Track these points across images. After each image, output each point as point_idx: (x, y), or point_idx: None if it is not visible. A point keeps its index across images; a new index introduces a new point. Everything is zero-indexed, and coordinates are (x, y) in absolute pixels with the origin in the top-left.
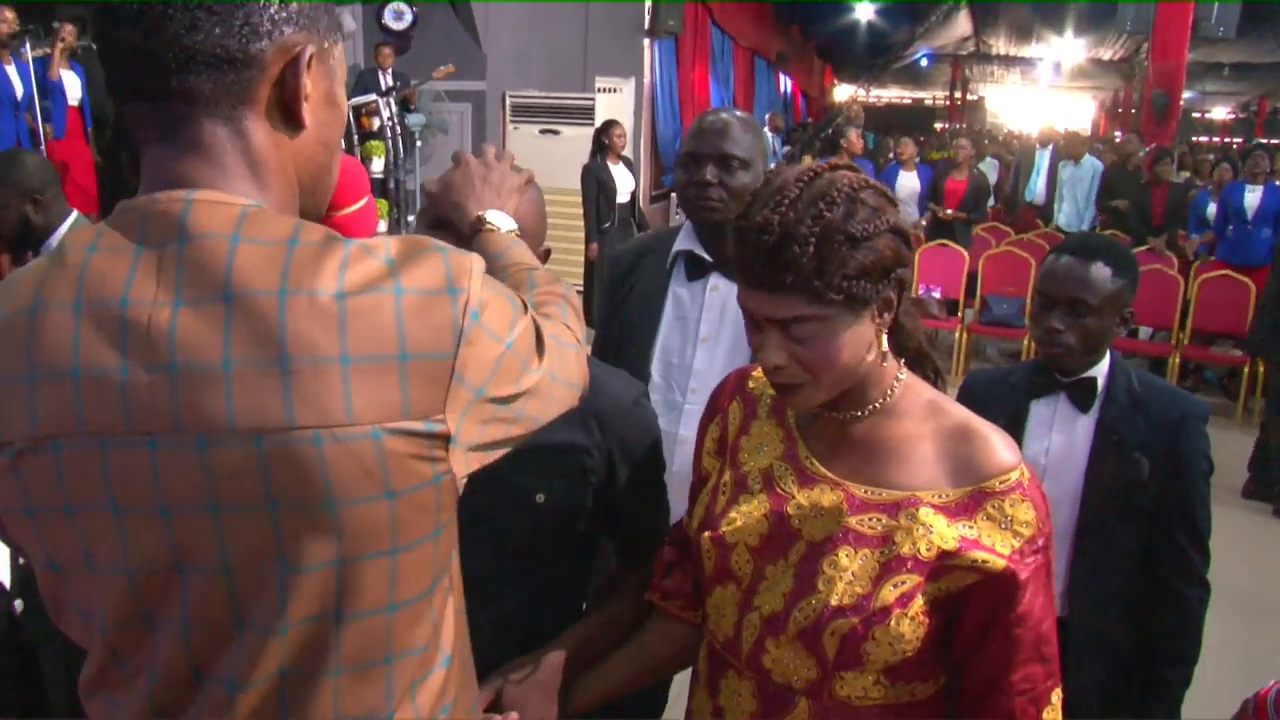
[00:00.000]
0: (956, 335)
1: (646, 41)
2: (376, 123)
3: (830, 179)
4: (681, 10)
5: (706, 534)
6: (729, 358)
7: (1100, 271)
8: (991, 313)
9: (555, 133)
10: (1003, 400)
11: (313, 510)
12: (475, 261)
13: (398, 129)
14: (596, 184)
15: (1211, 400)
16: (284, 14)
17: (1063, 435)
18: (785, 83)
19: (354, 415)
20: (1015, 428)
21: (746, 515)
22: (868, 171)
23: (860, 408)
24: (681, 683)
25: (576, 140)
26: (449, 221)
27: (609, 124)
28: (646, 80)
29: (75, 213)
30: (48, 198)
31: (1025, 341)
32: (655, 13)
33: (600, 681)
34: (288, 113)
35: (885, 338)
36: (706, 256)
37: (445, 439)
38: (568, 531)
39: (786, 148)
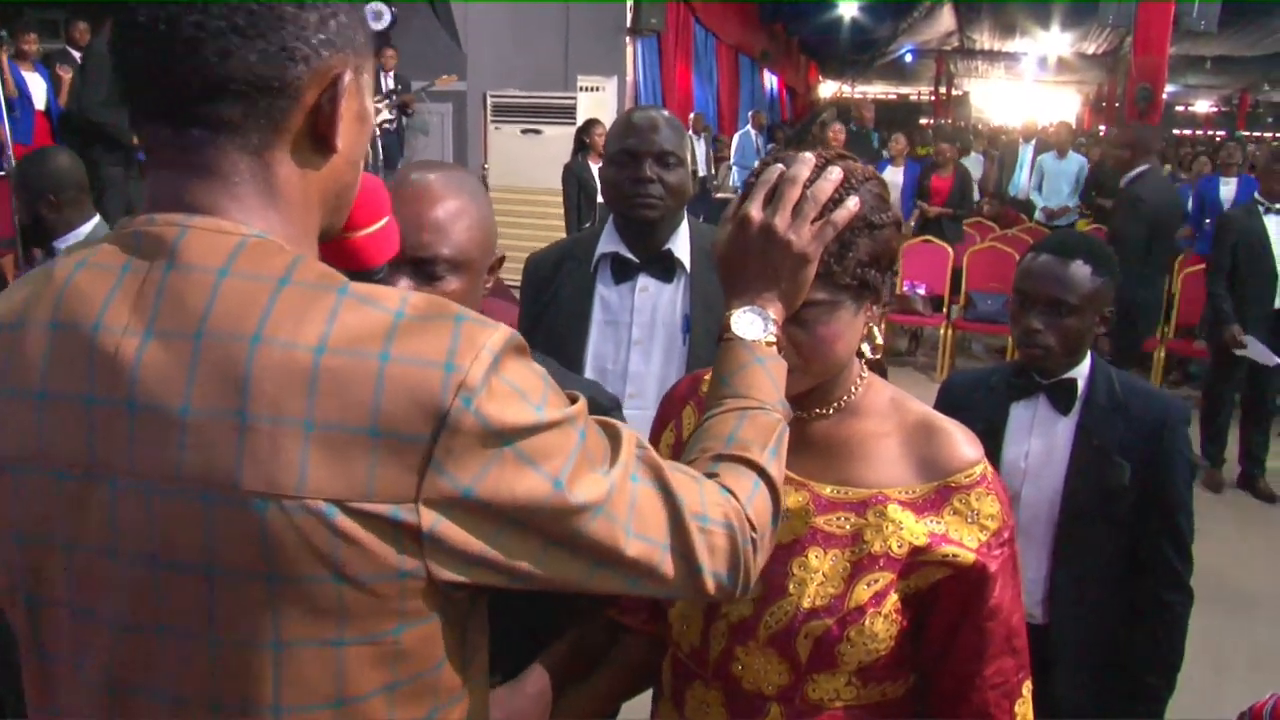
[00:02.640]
0: (942, 332)
1: (628, 40)
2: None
3: (845, 167)
4: (664, 8)
5: None
6: (664, 359)
7: (1079, 270)
8: (976, 309)
9: (537, 132)
10: (982, 403)
11: (251, 581)
12: (494, 338)
13: (384, 131)
14: (578, 183)
15: (1197, 395)
16: (322, 36)
17: (1042, 439)
18: (770, 80)
19: (307, 487)
20: (995, 431)
21: None
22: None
23: (825, 405)
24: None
25: (558, 140)
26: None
27: (590, 123)
28: (629, 79)
29: (97, 218)
30: (64, 199)
31: (1010, 338)
32: (637, 11)
33: (582, 703)
34: (320, 139)
35: (876, 331)
36: (633, 257)
37: (415, 532)
38: None
39: (771, 145)
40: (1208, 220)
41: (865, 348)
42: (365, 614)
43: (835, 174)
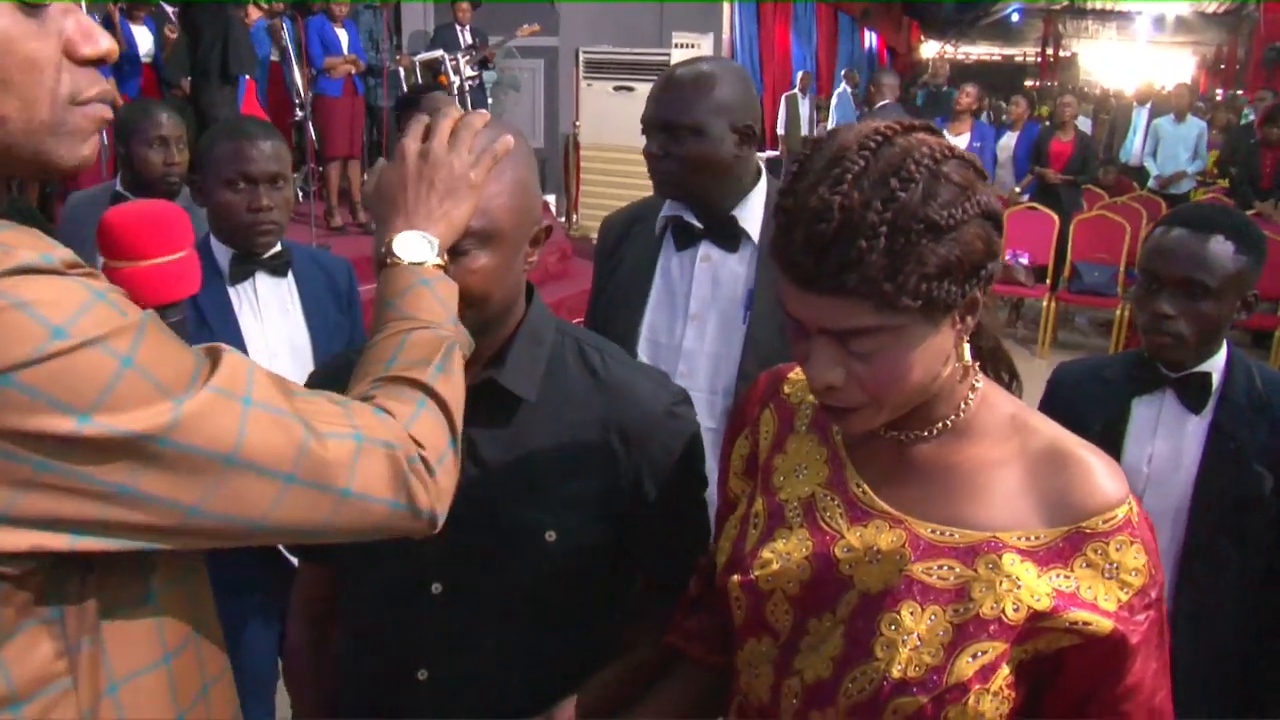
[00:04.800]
0: (1045, 304)
1: None
2: (457, 81)
3: (905, 146)
4: None
5: (735, 578)
6: (720, 336)
7: (1220, 247)
8: (1082, 281)
9: (629, 90)
10: (1098, 398)
11: None
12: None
13: (470, 88)
14: None
15: None
16: None
17: (1169, 441)
18: (870, 39)
19: None
20: (1113, 431)
21: (784, 556)
22: (986, 134)
23: (927, 426)
24: None
25: None
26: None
27: None
28: (725, 37)
29: None
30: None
31: (1117, 312)
32: None
33: None
34: None
35: (966, 346)
36: (696, 223)
37: None
38: (585, 573)
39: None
40: None
41: (967, 351)
42: None
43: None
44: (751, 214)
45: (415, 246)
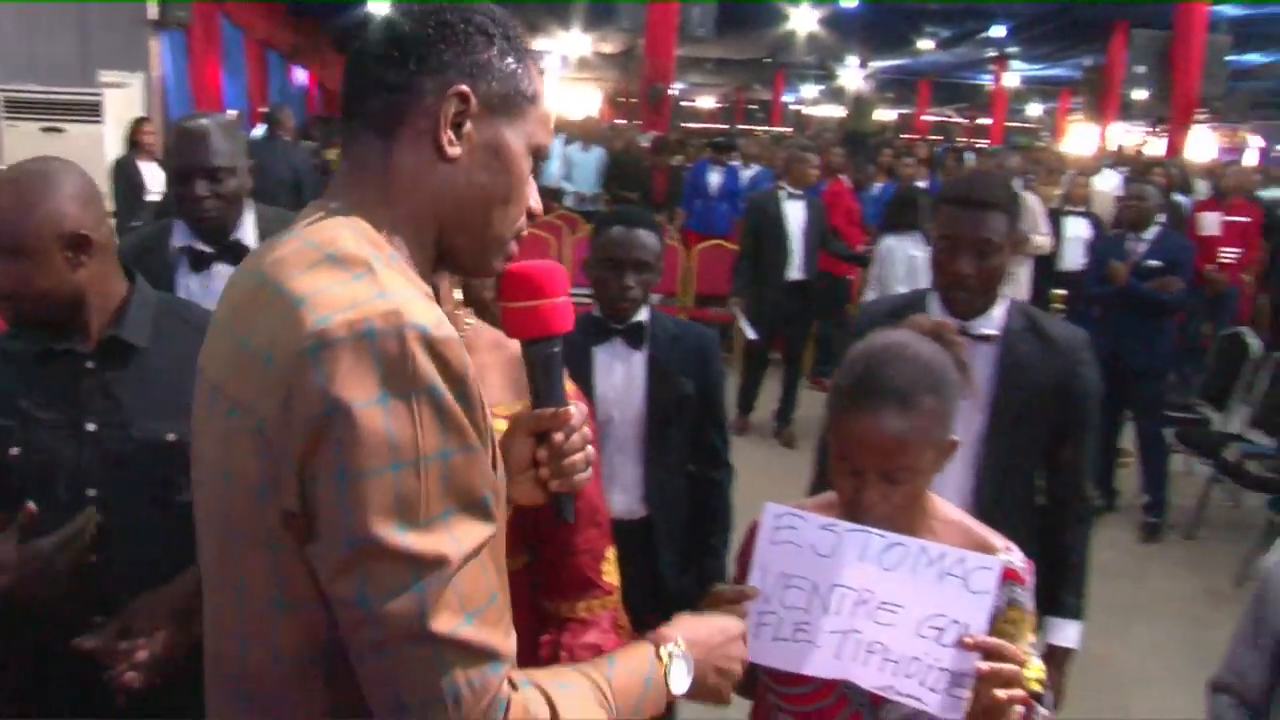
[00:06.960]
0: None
1: (153, 34)
2: None
3: None
4: (189, 2)
5: None
6: None
7: (651, 235)
8: None
9: (60, 130)
10: (567, 350)
11: None
12: None
13: None
14: (127, 181)
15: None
16: (438, 54)
17: (623, 371)
18: (301, 75)
19: None
20: (584, 372)
21: None
22: None
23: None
24: None
25: (84, 138)
26: None
27: (140, 121)
28: (156, 74)
29: None
30: None
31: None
32: (162, 4)
33: None
34: (435, 141)
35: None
36: (207, 248)
37: None
38: None
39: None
40: (697, 202)
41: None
42: None
43: None
44: (249, 233)
45: (681, 674)
